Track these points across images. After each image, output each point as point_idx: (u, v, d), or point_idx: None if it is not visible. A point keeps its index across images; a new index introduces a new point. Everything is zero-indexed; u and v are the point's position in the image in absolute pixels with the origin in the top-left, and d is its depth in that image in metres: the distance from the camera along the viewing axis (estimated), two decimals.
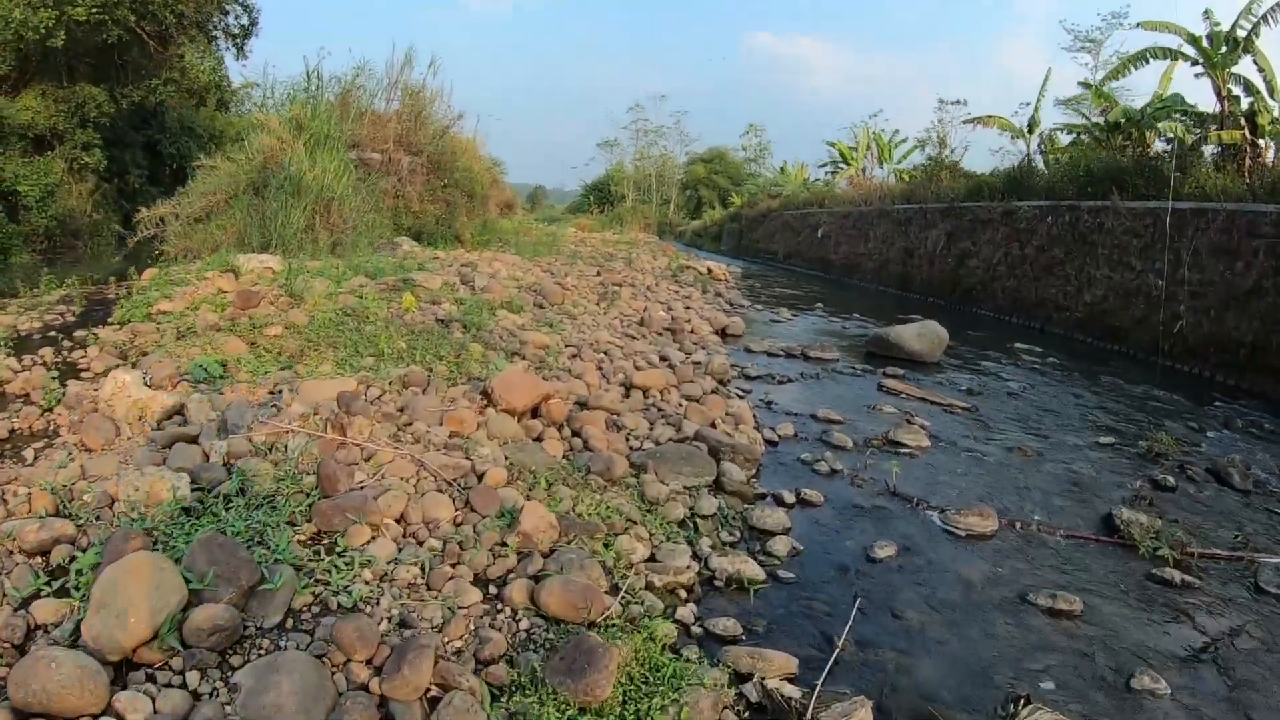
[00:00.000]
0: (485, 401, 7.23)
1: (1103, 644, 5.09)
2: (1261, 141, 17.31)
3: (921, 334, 13.12)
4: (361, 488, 5.45)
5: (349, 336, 8.87)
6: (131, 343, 9.11)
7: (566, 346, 10.40)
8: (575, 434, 7.19)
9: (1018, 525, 6.84)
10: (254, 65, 48.28)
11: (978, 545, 6.45)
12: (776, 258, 38.68)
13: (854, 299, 23.73)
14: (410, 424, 6.67)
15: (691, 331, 13.08)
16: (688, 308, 15.70)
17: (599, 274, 17.92)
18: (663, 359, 10.63)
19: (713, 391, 9.43)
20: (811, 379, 11.40)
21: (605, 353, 10.33)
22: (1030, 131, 26.37)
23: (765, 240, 41.22)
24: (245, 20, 27.08)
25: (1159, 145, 19.70)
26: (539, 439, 6.92)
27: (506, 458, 6.21)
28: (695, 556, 5.57)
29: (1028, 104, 26.69)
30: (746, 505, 6.63)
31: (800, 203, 38.22)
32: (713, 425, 7.90)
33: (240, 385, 7.38)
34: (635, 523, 5.70)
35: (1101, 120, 22.68)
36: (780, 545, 5.89)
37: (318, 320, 9.34)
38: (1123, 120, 20.87)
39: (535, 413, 7.30)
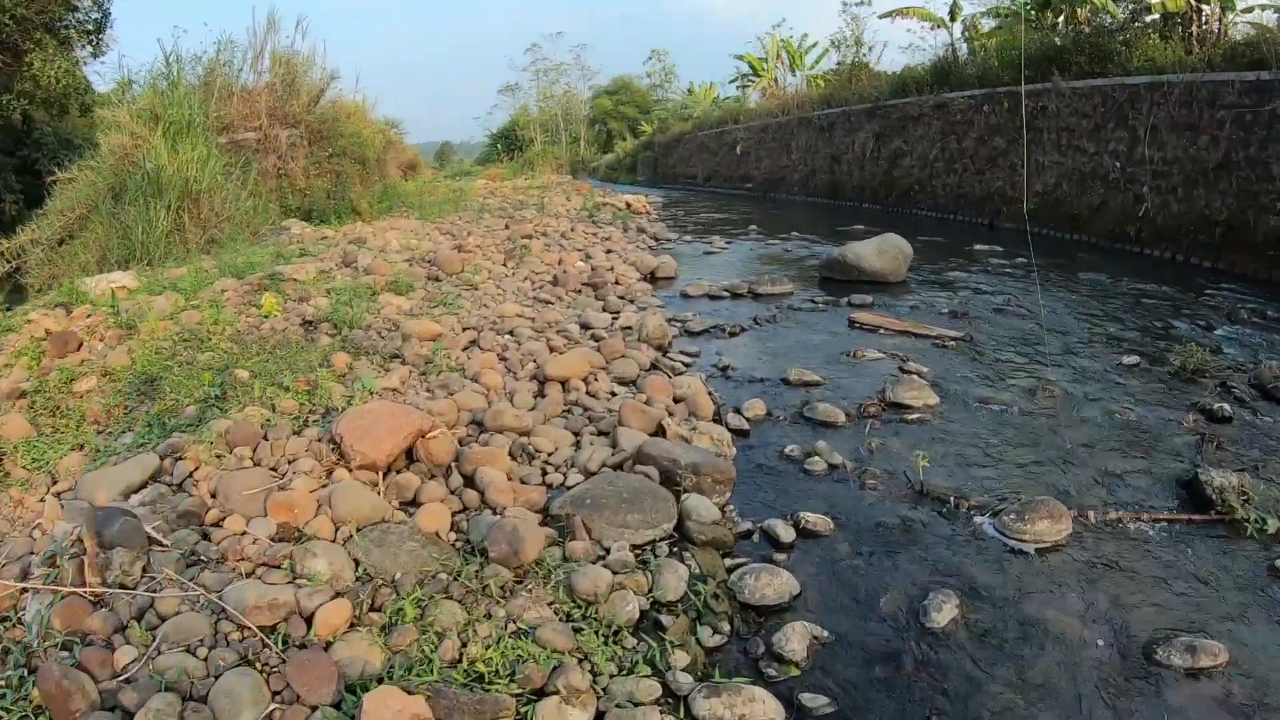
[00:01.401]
0: (336, 455, 4.77)
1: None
2: (1206, 7, 14.99)
3: (882, 250, 10.76)
4: (118, 689, 3.09)
5: (172, 379, 6.34)
6: None
7: (463, 331, 7.93)
8: (467, 482, 4.78)
9: (1093, 518, 4.64)
10: (111, 60, 43.83)
11: (1055, 563, 4.22)
12: (696, 181, 36.04)
13: (785, 215, 21.35)
14: (220, 522, 4.25)
15: (615, 283, 10.60)
16: (609, 252, 13.18)
17: (506, 226, 15.31)
18: (584, 327, 8.21)
19: (652, 367, 7.05)
20: (768, 324, 9.01)
21: (511, 332, 7.86)
22: (952, 19, 23.84)
23: (682, 165, 38.49)
24: (97, 14, 23.75)
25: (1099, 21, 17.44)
26: (413, 502, 4.53)
27: (357, 563, 3.83)
28: (667, 697, 3.24)
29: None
30: (728, 563, 4.30)
31: (714, 121, 35.51)
32: (660, 429, 5.49)
33: (11, 491, 4.90)
34: (564, 656, 3.32)
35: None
36: (794, 640, 3.53)
37: (140, 359, 6.79)
38: None
39: (410, 455, 4.88)
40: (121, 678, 3.31)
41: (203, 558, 3.98)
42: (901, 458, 5.49)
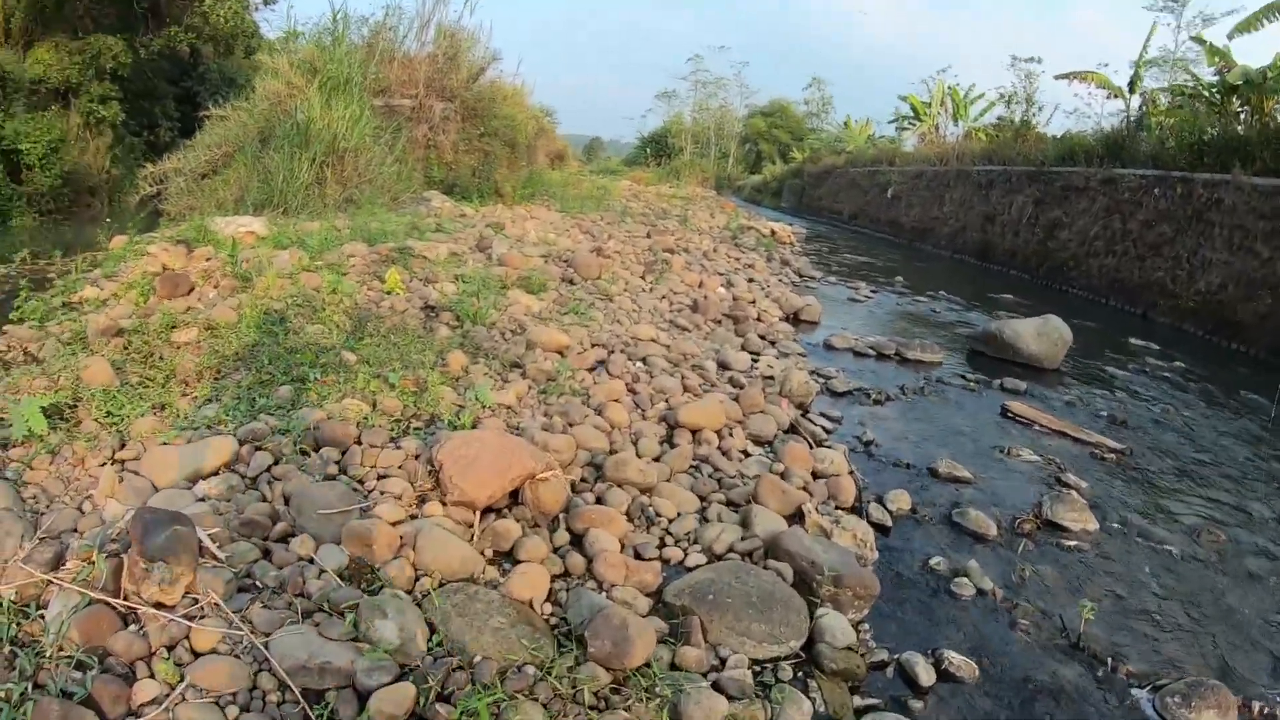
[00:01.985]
0: (432, 482, 4.14)
1: None
2: None
3: (1042, 333, 9.70)
4: None
5: (273, 349, 5.84)
6: (3, 355, 6.15)
7: (592, 347, 7.29)
8: (574, 541, 4.10)
9: (1258, 711, 3.72)
10: (280, 10, 45.08)
11: None
12: (841, 217, 34.87)
13: (931, 269, 20.18)
14: (287, 539, 3.66)
15: (757, 319, 9.82)
16: (750, 280, 12.41)
17: (649, 235, 14.68)
18: (722, 367, 7.47)
19: (790, 429, 6.27)
20: (915, 396, 8.12)
21: (644, 360, 7.16)
22: (1131, 91, 22.29)
23: (829, 198, 37.35)
24: None
25: None
26: (509, 555, 3.86)
27: (432, 630, 3.18)
28: None
29: (1105, 64, 22.68)
30: (857, 702, 3.49)
31: (868, 159, 34.28)
32: (799, 514, 4.71)
33: (75, 446, 4.42)
34: None
35: (1216, 80, 18.65)
36: None
37: (247, 318, 6.33)
38: (1241, 83, 16.90)
39: (515, 497, 4.22)
40: None
41: (258, 583, 3.39)
42: (1056, 594, 4.62)
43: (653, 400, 6.08)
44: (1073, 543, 5.30)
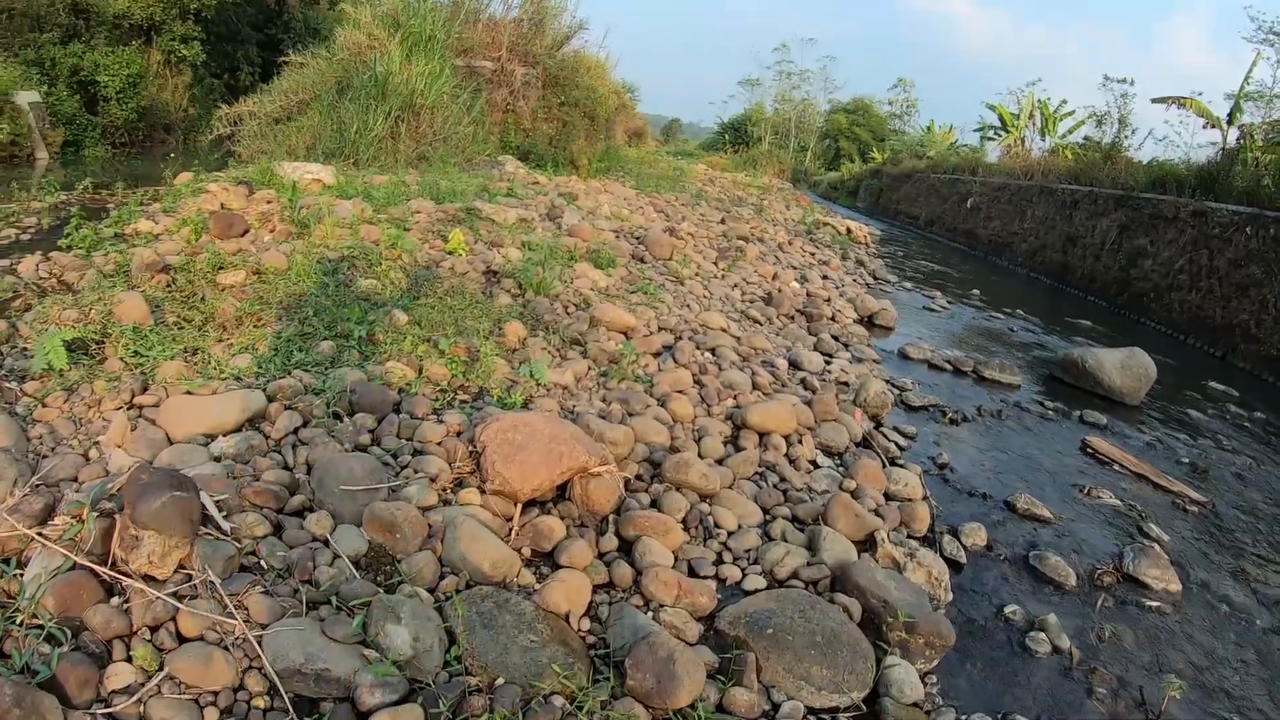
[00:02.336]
0: (472, 464, 3.69)
1: None
2: None
3: (1127, 366, 8.98)
4: None
5: (320, 301, 5.45)
6: (42, 282, 5.85)
7: (659, 330, 6.82)
8: (624, 547, 3.64)
9: None
10: None
11: None
12: (917, 223, 33.89)
13: (1007, 284, 19.33)
14: (303, 512, 3.26)
15: (832, 318, 9.27)
16: (825, 277, 11.82)
17: (723, 221, 14.13)
18: (794, 366, 6.96)
19: (863, 442, 5.75)
20: (992, 419, 7.52)
21: (713, 351, 6.67)
22: (1230, 123, 21.12)
23: (906, 203, 36.33)
24: None
25: None
26: (549, 557, 3.42)
27: (451, 640, 2.75)
28: None
29: (1200, 93, 21.41)
30: None
31: (949, 167, 33.21)
32: (871, 540, 4.20)
33: (95, 385, 4.07)
34: None
35: None
36: None
37: (298, 266, 5.96)
38: None
39: (562, 490, 3.77)
40: (101, 710, 2.34)
41: (263, 563, 2.97)
42: (1135, 660, 4.08)
43: (720, 395, 5.58)
44: (1154, 603, 4.76)
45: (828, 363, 7.38)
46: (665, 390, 5.34)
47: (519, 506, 3.51)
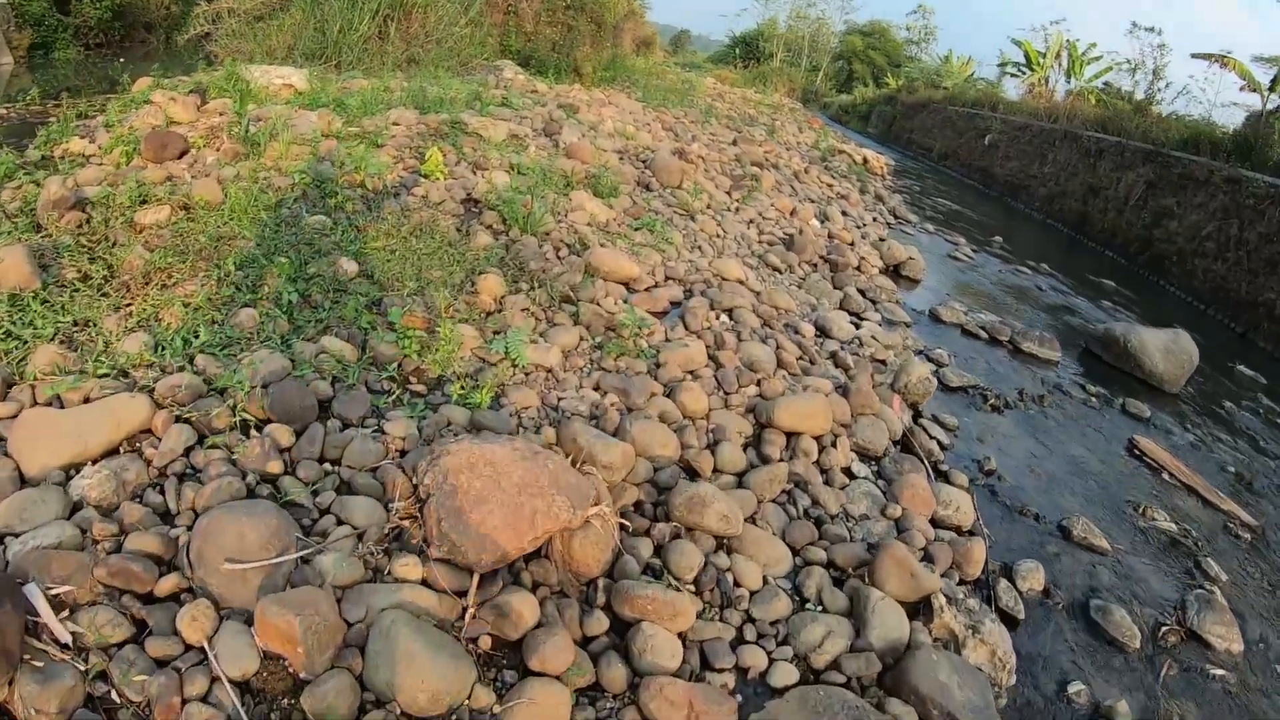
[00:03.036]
0: (414, 507, 2.66)
1: None
2: None
3: (1170, 350, 8.00)
4: None
5: (247, 249, 4.32)
6: None
7: (667, 281, 5.77)
8: (615, 629, 2.64)
9: None
10: None
11: None
12: (930, 154, 32.43)
13: (1025, 231, 18.22)
14: (179, 596, 2.26)
15: (858, 269, 8.19)
16: (845, 214, 10.69)
17: (735, 143, 12.90)
18: (821, 332, 5.93)
19: (903, 441, 4.75)
20: (1034, 405, 6.59)
21: (730, 313, 5.60)
22: (1272, 90, 19.68)
23: (920, 133, 34.77)
24: None
25: None
26: (516, 646, 2.42)
27: None
28: None
29: (1230, 51, 20.01)
30: None
31: (968, 100, 31.60)
32: (927, 605, 3.19)
33: None
34: None
35: None
36: None
37: (233, 199, 4.82)
38: None
39: (541, 552, 2.75)
40: None
41: (115, 693, 1.97)
42: None
43: (739, 378, 4.53)
44: (1219, 671, 4.00)
45: (857, 327, 6.36)
46: (675, 373, 4.30)
47: (476, 577, 2.50)
